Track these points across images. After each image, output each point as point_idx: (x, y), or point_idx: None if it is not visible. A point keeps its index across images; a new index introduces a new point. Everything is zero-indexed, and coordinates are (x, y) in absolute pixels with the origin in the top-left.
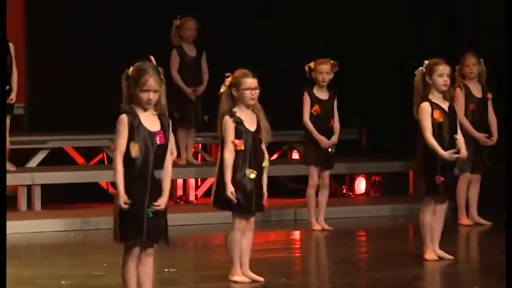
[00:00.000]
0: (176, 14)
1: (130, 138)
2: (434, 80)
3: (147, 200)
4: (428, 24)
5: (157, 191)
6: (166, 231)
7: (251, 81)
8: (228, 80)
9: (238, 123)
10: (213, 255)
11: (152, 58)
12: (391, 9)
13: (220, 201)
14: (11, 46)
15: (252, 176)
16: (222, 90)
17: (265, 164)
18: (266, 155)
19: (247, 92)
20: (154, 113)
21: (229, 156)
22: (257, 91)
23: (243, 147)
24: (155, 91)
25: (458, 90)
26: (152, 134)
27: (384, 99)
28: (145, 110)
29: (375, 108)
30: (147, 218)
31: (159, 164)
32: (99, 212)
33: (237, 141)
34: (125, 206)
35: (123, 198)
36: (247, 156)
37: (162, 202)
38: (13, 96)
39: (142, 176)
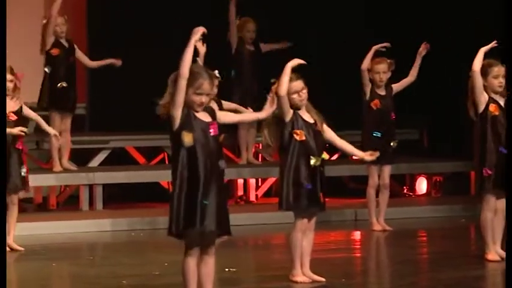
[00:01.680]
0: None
1: (184, 127)
2: (489, 82)
3: (202, 191)
4: (487, 23)
5: (218, 182)
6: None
7: (297, 84)
8: (274, 87)
9: (296, 116)
10: (274, 255)
11: (198, 60)
12: (449, 8)
13: (287, 201)
14: (76, 47)
15: (317, 163)
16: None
17: (325, 156)
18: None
19: (295, 96)
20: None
21: None
22: (304, 91)
23: (304, 137)
24: (208, 94)
25: None
26: (206, 124)
27: (445, 98)
28: (196, 112)
29: (437, 108)
30: (202, 209)
31: (217, 154)
32: (159, 212)
33: (298, 131)
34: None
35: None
36: (309, 145)
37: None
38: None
39: (195, 166)
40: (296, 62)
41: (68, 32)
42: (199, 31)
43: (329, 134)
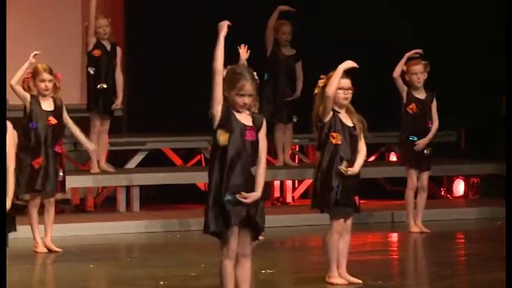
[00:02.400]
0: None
1: (222, 125)
2: None
3: (230, 191)
4: None
5: (248, 187)
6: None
7: (344, 82)
8: (321, 82)
9: (335, 118)
10: (310, 257)
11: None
12: (488, 9)
13: (319, 203)
14: (118, 50)
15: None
16: (316, 91)
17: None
18: (363, 151)
19: (340, 92)
20: (248, 112)
21: None
22: (350, 91)
23: (339, 141)
24: (250, 95)
25: None
26: (243, 127)
27: (483, 100)
28: (239, 112)
29: (474, 110)
30: (228, 207)
31: (250, 159)
32: (196, 213)
33: (334, 134)
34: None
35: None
36: (343, 150)
37: (251, 196)
38: (118, 102)
39: (226, 166)
40: (349, 64)
41: (112, 34)
42: (225, 25)
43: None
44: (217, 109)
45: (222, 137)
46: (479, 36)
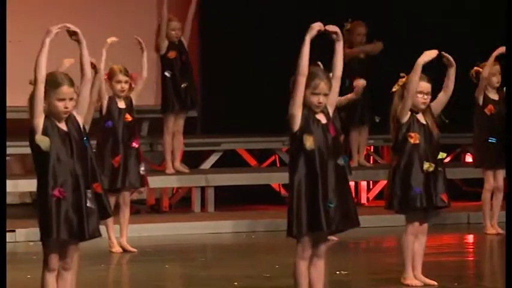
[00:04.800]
0: (348, 16)
1: (304, 130)
2: None
3: (322, 193)
4: None
5: (339, 180)
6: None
7: (425, 86)
8: (401, 80)
9: (413, 118)
10: (385, 258)
11: (320, 63)
12: None
13: (396, 204)
14: (186, 47)
15: (430, 169)
16: (394, 89)
17: (441, 155)
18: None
19: (420, 96)
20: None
21: None
22: (429, 96)
23: (418, 141)
24: (325, 94)
25: None
26: (325, 126)
27: None
28: (314, 113)
29: None
30: (325, 210)
31: (336, 154)
32: (270, 214)
33: (412, 134)
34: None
35: None
36: (422, 149)
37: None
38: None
39: (315, 168)
40: (427, 57)
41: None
42: (316, 27)
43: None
44: (298, 111)
45: (309, 142)
46: None
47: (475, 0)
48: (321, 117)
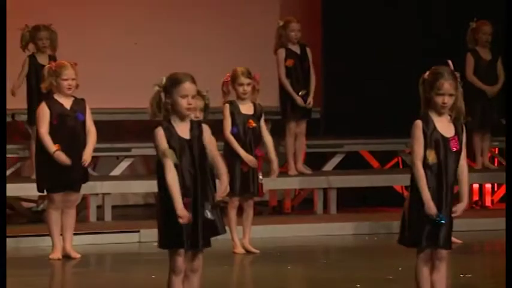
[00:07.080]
0: (474, 15)
1: (426, 144)
2: None
3: (444, 208)
4: None
5: (449, 197)
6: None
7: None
8: None
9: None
10: None
11: (450, 62)
12: None
13: None
14: (308, 51)
15: None
16: None
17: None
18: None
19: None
20: (449, 118)
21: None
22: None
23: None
24: (450, 95)
25: None
26: (446, 140)
27: None
28: (440, 114)
29: None
30: (438, 225)
31: (453, 172)
32: (394, 216)
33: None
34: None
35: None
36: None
37: (459, 208)
38: (310, 99)
39: (438, 183)
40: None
41: (301, 36)
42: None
43: None
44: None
45: (431, 157)
46: None
47: None
48: (445, 129)
